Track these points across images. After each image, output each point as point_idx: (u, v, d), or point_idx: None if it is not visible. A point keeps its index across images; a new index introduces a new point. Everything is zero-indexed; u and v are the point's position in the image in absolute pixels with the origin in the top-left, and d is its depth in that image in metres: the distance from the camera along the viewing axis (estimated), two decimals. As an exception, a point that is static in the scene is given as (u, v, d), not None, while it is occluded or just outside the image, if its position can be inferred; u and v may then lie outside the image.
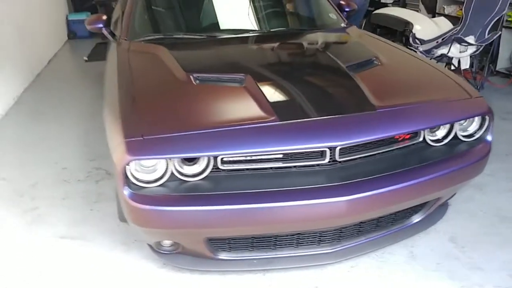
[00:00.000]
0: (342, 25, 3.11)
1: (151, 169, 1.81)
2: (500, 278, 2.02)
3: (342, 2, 3.35)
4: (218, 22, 2.99)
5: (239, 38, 2.83)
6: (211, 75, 2.20)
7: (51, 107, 4.43)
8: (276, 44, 2.73)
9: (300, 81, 2.15)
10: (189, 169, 1.83)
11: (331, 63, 2.34)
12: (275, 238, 2.00)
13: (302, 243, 2.04)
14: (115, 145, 1.79)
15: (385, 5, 6.32)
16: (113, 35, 3.09)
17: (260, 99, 1.93)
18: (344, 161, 1.88)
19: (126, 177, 1.75)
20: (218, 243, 1.99)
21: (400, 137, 1.97)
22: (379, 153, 1.95)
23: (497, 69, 4.57)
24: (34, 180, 2.99)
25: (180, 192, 1.80)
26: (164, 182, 1.80)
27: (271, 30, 2.96)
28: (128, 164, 1.73)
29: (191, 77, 2.16)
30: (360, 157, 1.91)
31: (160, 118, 1.92)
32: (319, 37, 2.90)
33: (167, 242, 2.01)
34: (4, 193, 2.85)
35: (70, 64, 6.40)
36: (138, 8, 3.07)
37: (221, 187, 1.81)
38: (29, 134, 3.79)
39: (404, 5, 6.24)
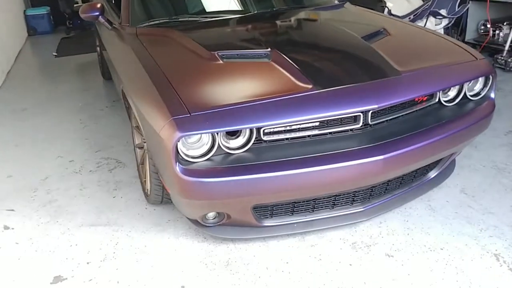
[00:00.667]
0: (336, 1, 3.25)
1: (196, 145, 1.88)
2: (502, 218, 2.27)
3: None
4: (223, 3, 3.03)
5: (247, 17, 2.90)
6: (236, 52, 2.26)
7: (34, 103, 4.31)
8: (288, 20, 2.82)
9: (325, 52, 2.27)
10: (234, 142, 1.91)
11: (347, 34, 2.47)
12: (314, 201, 2.12)
13: (337, 204, 2.18)
14: (161, 125, 1.82)
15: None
16: (109, 22, 3.07)
17: (293, 71, 2.03)
18: (374, 124, 2.02)
19: (177, 153, 1.81)
20: (261, 211, 2.09)
21: (419, 99, 2.14)
22: (403, 115, 2.11)
23: (466, 40, 4.88)
24: (43, 174, 2.95)
25: (227, 164, 1.88)
26: (211, 156, 1.87)
27: (275, 9, 3.06)
28: (179, 141, 1.78)
29: (216, 55, 2.21)
30: (387, 120, 2.06)
31: (200, 94, 1.97)
32: (325, 13, 3.03)
33: (211, 215, 2.08)
34: (16, 190, 2.80)
35: (38, 61, 6.17)
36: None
37: (264, 157, 1.90)
38: (20, 131, 3.68)
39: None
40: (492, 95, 2.32)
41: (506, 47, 4.41)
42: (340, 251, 2.11)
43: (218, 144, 1.86)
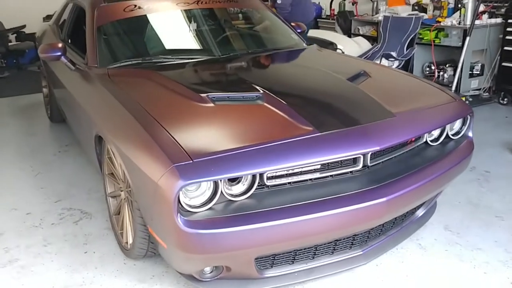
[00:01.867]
0: (305, 44, 3.32)
1: (195, 193, 1.74)
2: (500, 254, 2.32)
3: (293, 24, 3.57)
4: (195, 44, 2.97)
5: (226, 58, 2.85)
6: (226, 94, 2.18)
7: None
8: (268, 62, 2.80)
9: (316, 94, 2.26)
10: (236, 188, 1.79)
11: (332, 76, 2.49)
12: (315, 247, 2.03)
13: (337, 249, 2.10)
14: (160, 173, 1.67)
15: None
16: (72, 63, 2.89)
17: (290, 113, 1.98)
18: (372, 165, 2.00)
19: (179, 203, 1.65)
20: (262, 261, 1.95)
21: (410, 140, 2.17)
22: (395, 156, 2.12)
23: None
24: (-3, 230, 2.59)
25: (229, 213, 1.75)
26: (213, 205, 1.74)
27: (249, 51, 3.04)
28: (181, 190, 1.63)
29: (206, 97, 2.12)
30: (382, 161, 2.05)
31: (199, 140, 1.85)
32: (301, 55, 3.05)
33: (208, 269, 1.91)
34: (-36, 250, 2.42)
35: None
36: (102, 34, 2.91)
37: (267, 203, 1.80)
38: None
39: (317, 27, 6.76)
40: (470, 134, 2.43)
41: (453, 88, 4.74)
42: (343, 298, 2.02)
43: (221, 191, 1.74)
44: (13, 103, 5.33)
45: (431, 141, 2.29)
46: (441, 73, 5.09)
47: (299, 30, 3.54)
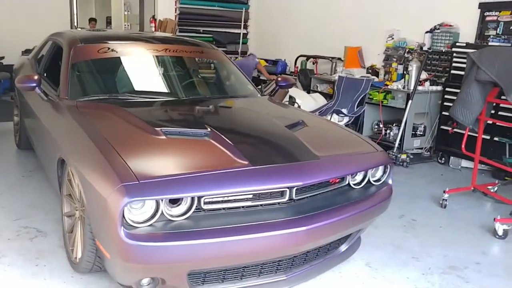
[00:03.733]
0: (259, 95, 3.74)
1: (139, 211, 2.02)
2: (408, 288, 2.65)
3: (280, 78, 3.91)
4: (158, 86, 3.34)
5: (183, 100, 3.22)
6: (178, 129, 2.51)
7: None
8: (220, 106, 3.19)
9: (255, 135, 2.63)
10: (175, 210, 2.08)
11: (273, 122, 2.88)
12: (243, 269, 2.30)
13: (263, 272, 2.38)
14: (109, 190, 1.95)
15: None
16: (45, 94, 3.18)
17: (231, 149, 2.31)
18: (298, 199, 2.34)
19: (123, 218, 1.93)
20: (194, 278, 2.20)
21: (333, 181, 2.53)
22: (320, 193, 2.46)
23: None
24: (-47, 241, 2.75)
25: (167, 230, 2.02)
26: (154, 222, 2.01)
27: (207, 96, 3.44)
28: (126, 205, 1.91)
29: (160, 131, 2.44)
30: (307, 197, 2.39)
31: (147, 164, 2.15)
32: (253, 102, 3.46)
33: (145, 281, 2.14)
34: None
35: None
36: (76, 70, 3.24)
37: (202, 224, 2.09)
38: None
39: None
40: (390, 181, 2.82)
41: (396, 145, 5.25)
42: (266, 317, 2.27)
43: (161, 211, 2.02)
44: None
45: (354, 184, 2.66)
46: (388, 131, 5.61)
47: (283, 84, 3.80)
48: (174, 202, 2.08)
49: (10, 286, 2.35)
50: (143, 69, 3.54)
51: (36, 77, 3.13)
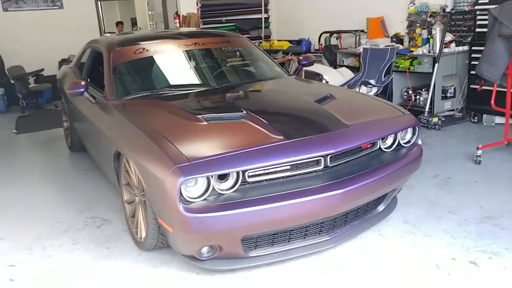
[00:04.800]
0: (286, 75, 3.94)
1: (193, 188, 2.29)
2: (446, 239, 2.81)
3: (301, 57, 4.12)
4: (193, 78, 3.61)
5: (217, 88, 3.47)
6: (217, 115, 2.76)
7: (13, 174, 4.47)
8: (252, 90, 3.43)
9: (287, 112, 2.85)
10: (224, 185, 2.35)
11: (303, 99, 3.09)
12: (289, 232, 2.55)
13: (308, 234, 2.62)
14: (166, 172, 2.24)
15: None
16: (93, 97, 3.50)
17: (267, 127, 2.55)
18: (333, 166, 2.55)
19: (181, 195, 2.21)
20: (247, 243, 2.47)
21: (365, 146, 2.72)
22: (354, 159, 2.66)
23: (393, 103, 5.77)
24: (34, 234, 3.14)
25: (219, 202, 2.29)
26: (207, 197, 2.29)
27: (239, 82, 3.68)
28: (183, 184, 2.19)
29: (201, 118, 2.70)
30: (342, 163, 2.60)
31: (195, 147, 2.43)
32: (281, 83, 3.68)
33: (205, 249, 2.43)
34: (11, 249, 2.96)
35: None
36: (117, 72, 3.55)
37: (248, 195, 2.35)
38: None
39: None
40: (419, 142, 2.97)
41: (426, 109, 5.31)
42: (312, 275, 2.52)
43: (212, 186, 2.29)
44: (37, 137, 5.97)
45: (385, 148, 2.83)
46: (418, 96, 5.66)
47: (305, 62, 4.01)
48: (222, 177, 2.34)
49: (87, 267, 2.71)
50: (176, 64, 3.81)
51: (83, 83, 3.46)
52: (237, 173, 2.33)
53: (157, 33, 4.51)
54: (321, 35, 7.37)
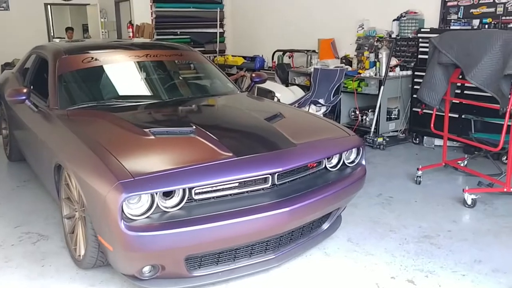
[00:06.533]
0: (238, 92, 3.96)
1: (136, 205, 2.23)
2: (387, 259, 2.90)
3: (254, 75, 4.16)
4: (141, 90, 3.54)
5: (167, 102, 3.42)
6: (165, 129, 2.72)
7: None
8: (202, 105, 3.41)
9: (237, 129, 2.85)
10: (169, 202, 2.30)
11: (253, 116, 3.11)
12: (235, 251, 2.53)
13: (254, 253, 2.61)
14: (108, 188, 2.16)
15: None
16: (35, 105, 3.34)
17: (216, 143, 2.54)
18: (280, 184, 2.57)
19: (122, 212, 2.14)
20: (191, 262, 2.43)
21: (311, 165, 2.78)
22: (300, 177, 2.70)
23: (341, 123, 5.96)
24: (-40, 251, 2.91)
25: (163, 220, 2.24)
26: (150, 214, 2.23)
27: (190, 96, 3.65)
28: (124, 201, 2.12)
29: (148, 132, 2.64)
30: (289, 181, 2.63)
31: (140, 163, 2.36)
32: (233, 99, 3.69)
33: (147, 269, 2.36)
34: None
35: None
36: (63, 81, 3.41)
37: (194, 213, 2.32)
38: None
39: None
40: (363, 162, 3.07)
41: (372, 129, 5.53)
42: (258, 292, 2.51)
43: (156, 203, 2.23)
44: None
45: (331, 167, 2.91)
46: (364, 117, 5.89)
47: (257, 79, 4.09)
48: (168, 194, 2.29)
49: (20, 286, 2.54)
50: (126, 75, 3.73)
51: (25, 90, 3.29)
52: (184, 190, 2.29)
53: (108, 42, 4.42)
54: (274, 53, 7.51)
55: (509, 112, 3.48)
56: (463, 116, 4.88)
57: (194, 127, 2.72)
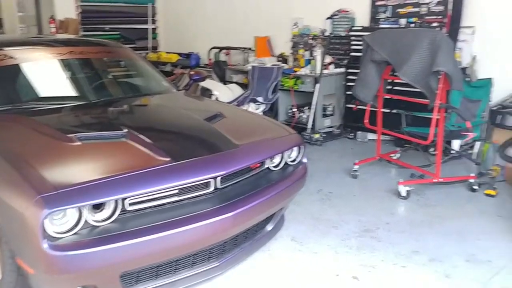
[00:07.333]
0: (175, 90, 3.78)
1: (62, 221, 1.99)
2: (331, 256, 2.91)
3: (193, 72, 4.01)
4: (64, 90, 3.25)
5: (95, 103, 3.16)
6: (93, 134, 2.48)
7: None
8: (135, 105, 3.18)
9: (175, 131, 2.68)
10: (99, 215, 2.08)
11: (191, 117, 2.95)
12: (175, 262, 2.38)
13: (196, 262, 2.48)
14: (26, 204, 1.90)
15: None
16: None
17: (151, 148, 2.35)
18: (222, 188, 2.45)
19: (44, 230, 1.89)
20: (127, 279, 2.23)
21: (253, 166, 2.69)
22: (243, 179, 2.60)
23: (279, 121, 5.96)
24: None
25: (93, 236, 2.03)
26: (78, 230, 2.00)
27: (121, 96, 3.40)
28: (46, 217, 1.88)
29: (74, 137, 2.39)
30: (231, 184, 2.52)
31: (64, 173, 2.13)
32: (169, 99, 3.49)
33: (78, 291, 2.13)
34: None
35: None
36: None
37: (129, 225, 2.12)
38: None
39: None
40: (305, 160, 3.05)
41: (309, 126, 5.58)
42: (203, 303, 2.39)
43: (85, 218, 2.01)
44: None
45: (273, 167, 2.84)
46: (301, 114, 5.93)
47: (196, 77, 3.96)
48: (97, 207, 2.08)
49: None
50: (47, 75, 3.38)
51: None
52: (116, 201, 2.09)
53: (26, 38, 4.01)
54: (210, 50, 7.35)
55: (437, 107, 3.64)
56: (394, 111, 5.08)
57: (126, 130, 2.51)
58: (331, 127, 5.89)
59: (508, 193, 3.87)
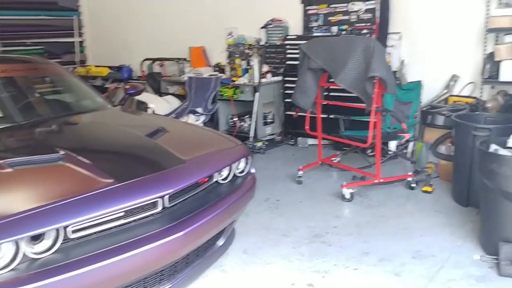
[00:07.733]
0: (110, 106, 3.59)
1: (-5, 257, 1.79)
2: (284, 265, 2.89)
3: (128, 86, 3.81)
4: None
5: (26, 124, 2.90)
6: (25, 159, 2.27)
7: None
8: (71, 124, 2.96)
9: (115, 150, 2.52)
10: (39, 246, 1.90)
11: (132, 133, 2.80)
12: (125, 288, 2.23)
13: (147, 286, 2.34)
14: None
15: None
16: None
17: (91, 169, 2.19)
18: (171, 206, 2.34)
19: (-24, 269, 1.69)
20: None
21: (202, 181, 2.61)
22: (191, 196, 2.51)
23: (220, 131, 5.90)
24: None
25: (33, 270, 1.84)
26: (16, 266, 1.81)
27: (52, 116, 3.16)
28: (-24, 256, 1.68)
29: (3, 164, 2.17)
30: (180, 201, 2.42)
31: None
32: (105, 115, 3.29)
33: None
34: None
35: None
36: None
37: (72, 254, 1.95)
38: None
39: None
40: (253, 170, 3.01)
41: (251, 135, 5.58)
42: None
43: (23, 251, 1.82)
44: None
45: (222, 179, 2.77)
46: (242, 123, 5.92)
47: (132, 91, 3.76)
48: (36, 238, 1.89)
49: None
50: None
51: None
52: (57, 230, 1.91)
53: None
54: (143, 61, 7.13)
55: (374, 110, 3.79)
56: (331, 116, 5.23)
57: (62, 152, 2.32)
58: (272, 134, 5.93)
59: (443, 189, 4.11)
